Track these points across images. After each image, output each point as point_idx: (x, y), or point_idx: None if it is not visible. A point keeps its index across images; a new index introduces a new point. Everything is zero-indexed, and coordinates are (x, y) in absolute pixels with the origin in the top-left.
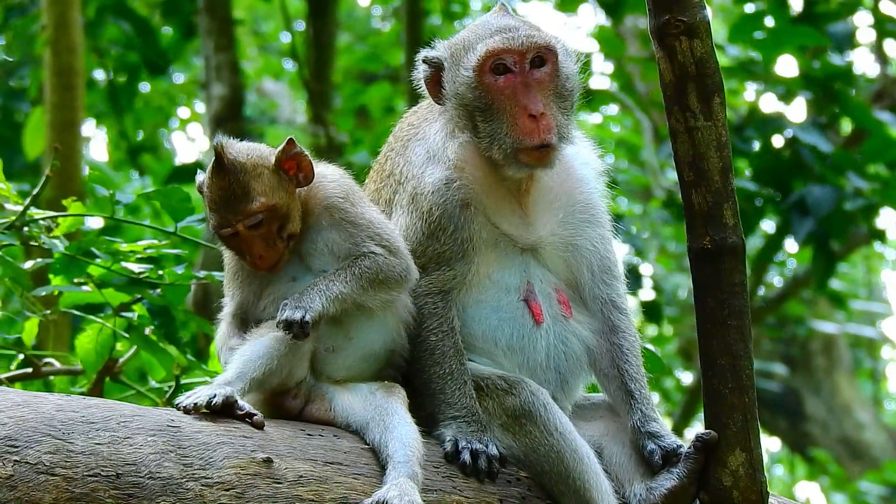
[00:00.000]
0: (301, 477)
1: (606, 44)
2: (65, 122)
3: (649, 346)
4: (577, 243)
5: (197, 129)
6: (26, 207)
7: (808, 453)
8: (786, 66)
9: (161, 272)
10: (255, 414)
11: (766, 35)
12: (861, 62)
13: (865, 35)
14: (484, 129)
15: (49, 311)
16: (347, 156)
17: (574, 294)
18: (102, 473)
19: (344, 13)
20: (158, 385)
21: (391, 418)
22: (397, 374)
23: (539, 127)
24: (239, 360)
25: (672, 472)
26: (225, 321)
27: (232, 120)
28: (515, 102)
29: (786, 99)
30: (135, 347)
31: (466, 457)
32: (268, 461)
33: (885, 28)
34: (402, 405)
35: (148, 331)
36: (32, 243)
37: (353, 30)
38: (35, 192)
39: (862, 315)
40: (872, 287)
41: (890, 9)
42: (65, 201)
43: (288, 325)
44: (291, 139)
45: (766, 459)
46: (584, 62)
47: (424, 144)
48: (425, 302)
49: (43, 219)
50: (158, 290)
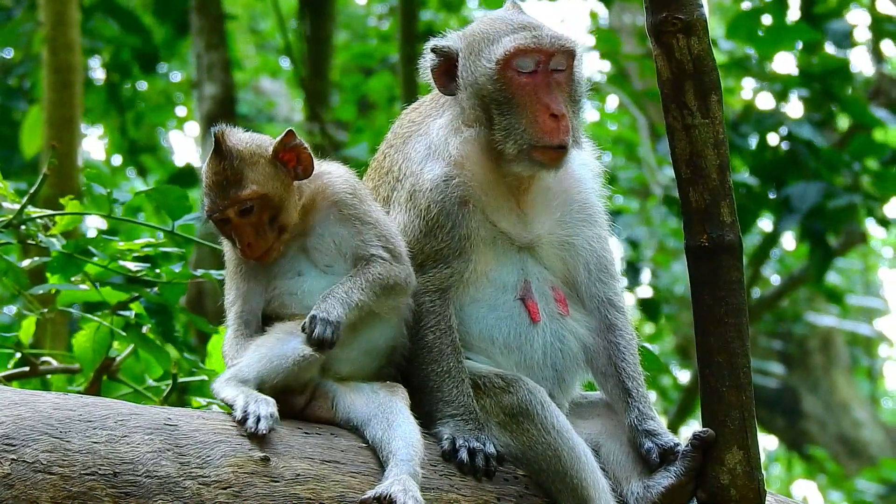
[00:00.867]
0: (298, 475)
1: (602, 40)
2: (62, 119)
3: (646, 345)
4: (574, 242)
5: (194, 128)
6: (23, 206)
7: (805, 451)
8: (783, 63)
9: (158, 271)
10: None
11: (764, 32)
12: (859, 61)
13: (863, 34)
14: (500, 123)
15: (46, 310)
16: (347, 149)
17: (571, 292)
18: (100, 472)
19: (341, 10)
20: (156, 383)
21: (394, 416)
22: (397, 374)
23: (560, 127)
24: (258, 361)
25: (669, 470)
26: (232, 327)
27: (224, 119)
28: (537, 100)
29: (781, 96)
30: (132, 346)
31: (464, 455)
32: (265, 459)
33: (882, 27)
34: (405, 404)
35: (145, 329)
36: (30, 242)
37: (350, 28)
38: (32, 190)
39: (859, 311)
40: (870, 285)
41: (887, 8)
42: (62, 200)
43: (319, 343)
44: (291, 131)
45: (763, 457)
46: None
47: (426, 140)
48: (423, 300)
49: (40, 217)
50: (156, 289)
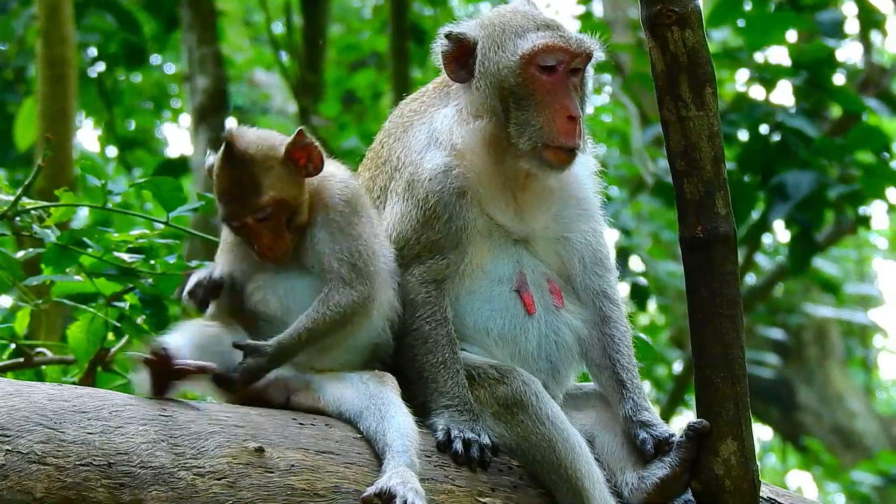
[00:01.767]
0: (293, 466)
1: (588, 28)
2: (56, 112)
3: (641, 335)
4: (570, 237)
5: (187, 120)
6: (18, 197)
7: (800, 442)
8: (772, 53)
9: (153, 262)
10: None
11: (747, 22)
12: (848, 52)
13: (852, 26)
14: (516, 117)
15: (41, 301)
16: (337, 142)
17: (566, 285)
18: (94, 463)
19: (336, 5)
20: None
21: (387, 408)
22: (383, 367)
23: (575, 130)
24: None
25: (664, 460)
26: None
27: (216, 112)
28: (556, 100)
29: (769, 85)
30: (126, 337)
31: (459, 446)
32: (260, 450)
33: (870, 17)
34: (395, 394)
35: (140, 320)
36: (24, 233)
37: (345, 21)
38: (27, 182)
39: (854, 300)
40: (864, 275)
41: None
42: (57, 191)
43: (245, 373)
44: (301, 130)
45: (758, 448)
46: None
47: (428, 129)
48: (419, 291)
49: (35, 208)
50: (150, 280)
